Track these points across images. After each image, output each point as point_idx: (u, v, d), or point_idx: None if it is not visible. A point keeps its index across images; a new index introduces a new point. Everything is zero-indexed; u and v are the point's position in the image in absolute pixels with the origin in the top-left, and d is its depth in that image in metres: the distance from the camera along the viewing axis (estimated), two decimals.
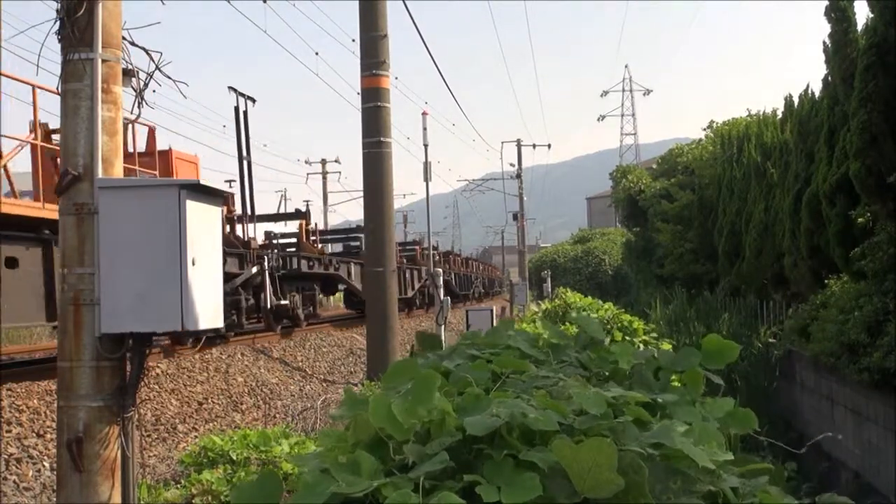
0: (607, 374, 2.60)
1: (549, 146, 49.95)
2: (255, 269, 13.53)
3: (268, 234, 16.15)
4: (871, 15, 9.33)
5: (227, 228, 13.74)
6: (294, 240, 17.34)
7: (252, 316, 14.23)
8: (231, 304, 12.83)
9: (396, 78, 15.81)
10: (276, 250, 14.61)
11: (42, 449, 7.50)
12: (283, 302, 14.54)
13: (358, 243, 21.79)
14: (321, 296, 18.68)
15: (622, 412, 2.01)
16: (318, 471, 1.87)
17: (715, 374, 2.57)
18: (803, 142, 12.71)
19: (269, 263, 13.85)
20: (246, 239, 13.99)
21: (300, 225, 17.16)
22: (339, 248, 24.01)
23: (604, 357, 2.67)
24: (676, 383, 2.61)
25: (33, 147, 9.19)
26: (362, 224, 15.18)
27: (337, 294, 24.18)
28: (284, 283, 14.96)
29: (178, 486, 5.67)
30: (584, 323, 3.14)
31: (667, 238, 24.18)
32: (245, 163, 14.13)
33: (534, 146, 50.79)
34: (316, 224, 18.86)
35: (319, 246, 17.93)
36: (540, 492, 1.65)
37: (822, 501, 1.84)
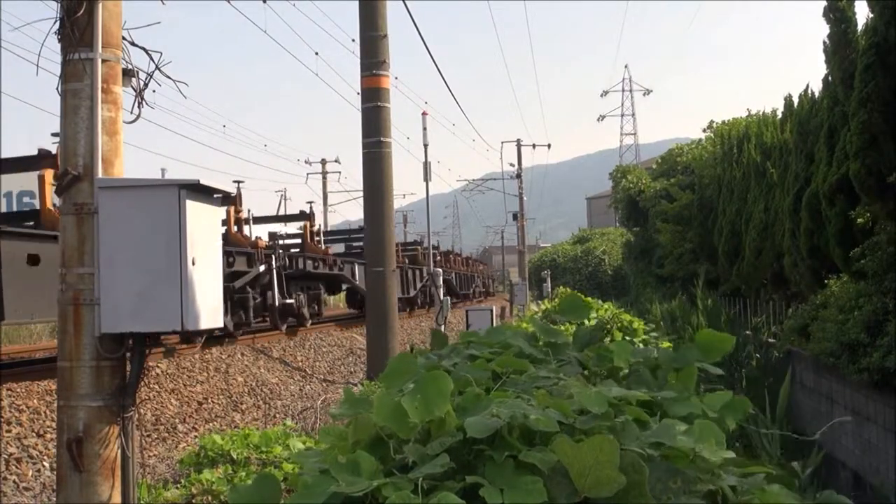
0: (605, 372, 2.60)
1: (548, 146, 49.91)
2: (262, 268, 13.57)
3: (272, 235, 16.29)
4: (871, 15, 9.32)
5: (235, 228, 13.75)
6: (298, 240, 17.49)
7: (259, 314, 14.36)
8: (239, 302, 12.95)
9: (396, 78, 15.83)
10: (282, 250, 14.67)
11: (42, 449, 7.49)
12: (288, 301, 14.64)
13: (360, 244, 21.95)
14: (325, 295, 18.93)
15: (622, 411, 2.01)
16: (317, 471, 1.87)
17: (714, 374, 2.58)
18: (803, 142, 12.70)
19: (276, 262, 13.91)
20: (253, 238, 14.02)
21: (304, 226, 17.25)
22: (340, 248, 24.13)
23: (602, 356, 2.67)
24: (673, 381, 2.61)
25: None
26: (362, 224, 15.31)
27: (338, 294, 24.52)
28: (290, 282, 15.06)
29: (178, 486, 5.67)
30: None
31: (667, 238, 24.16)
32: None
33: (534, 146, 50.78)
34: (320, 225, 19.14)
35: (323, 246, 18.14)
36: (544, 497, 1.65)
37: (822, 500, 1.84)
